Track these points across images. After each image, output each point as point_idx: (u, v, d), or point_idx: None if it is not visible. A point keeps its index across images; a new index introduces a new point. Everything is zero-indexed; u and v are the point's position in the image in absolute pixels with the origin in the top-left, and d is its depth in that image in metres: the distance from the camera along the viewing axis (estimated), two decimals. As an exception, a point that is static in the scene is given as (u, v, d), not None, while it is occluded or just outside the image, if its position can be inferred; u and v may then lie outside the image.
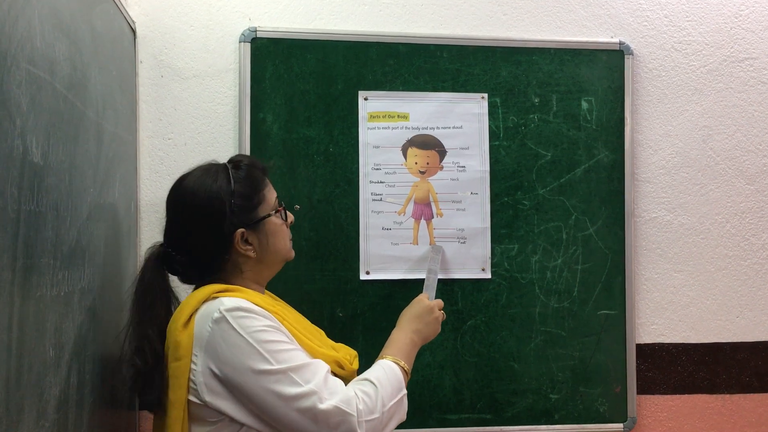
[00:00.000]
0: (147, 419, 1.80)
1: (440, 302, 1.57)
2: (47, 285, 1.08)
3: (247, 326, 1.21)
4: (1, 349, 0.90)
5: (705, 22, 2.05)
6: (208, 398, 1.21)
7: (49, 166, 1.09)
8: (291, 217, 1.44)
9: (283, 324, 1.29)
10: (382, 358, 1.38)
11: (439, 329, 1.54)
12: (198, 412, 1.23)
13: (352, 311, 1.86)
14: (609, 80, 1.98)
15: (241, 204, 1.32)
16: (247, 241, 1.33)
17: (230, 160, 1.41)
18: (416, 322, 1.49)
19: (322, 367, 1.26)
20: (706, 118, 2.05)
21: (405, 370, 1.37)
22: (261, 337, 1.21)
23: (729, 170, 2.05)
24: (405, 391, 1.34)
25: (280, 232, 1.39)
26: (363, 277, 1.87)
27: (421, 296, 1.58)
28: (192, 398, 1.22)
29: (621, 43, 1.99)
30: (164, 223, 1.42)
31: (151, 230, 1.83)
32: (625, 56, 1.99)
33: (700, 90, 2.05)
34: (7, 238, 0.91)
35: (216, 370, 1.20)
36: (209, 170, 1.35)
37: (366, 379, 1.30)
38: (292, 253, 1.45)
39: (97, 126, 1.40)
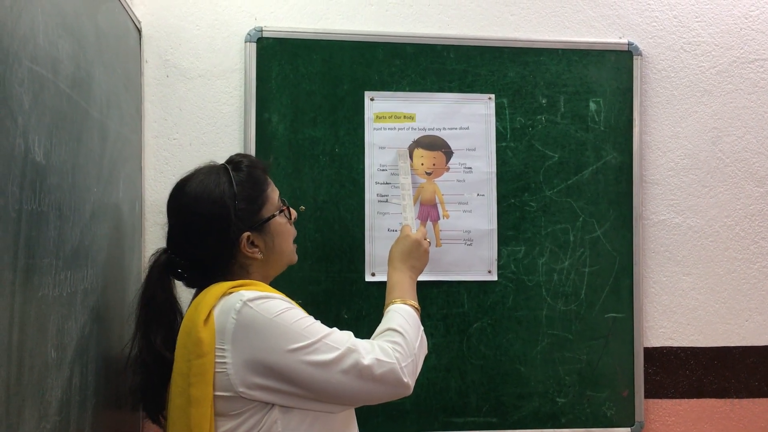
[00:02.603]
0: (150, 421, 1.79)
1: (423, 230, 1.63)
2: (49, 285, 1.07)
3: (270, 310, 1.22)
4: (1, 350, 0.89)
5: (714, 23, 2.03)
6: (242, 389, 1.19)
7: (52, 165, 1.08)
8: (294, 214, 1.44)
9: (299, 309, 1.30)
10: (393, 303, 1.43)
11: (428, 258, 1.60)
12: (222, 406, 1.21)
13: (357, 313, 1.85)
14: (617, 81, 1.96)
15: (245, 207, 1.31)
16: (253, 244, 1.32)
17: (230, 161, 1.38)
18: (409, 259, 1.55)
19: (348, 332, 1.29)
20: (716, 119, 2.03)
21: (416, 308, 1.44)
22: (286, 317, 1.22)
23: (738, 172, 2.03)
24: (422, 328, 1.40)
25: (285, 232, 1.39)
26: (368, 278, 1.86)
27: (405, 229, 1.62)
28: (220, 393, 1.20)
29: (629, 44, 1.97)
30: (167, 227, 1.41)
31: (155, 231, 1.82)
32: (634, 57, 1.97)
33: (710, 91, 2.03)
34: (8, 238, 0.91)
35: (249, 359, 1.19)
36: (210, 173, 1.33)
37: (390, 329, 1.34)
38: (295, 257, 1.45)
39: (101, 125, 1.40)
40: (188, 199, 1.31)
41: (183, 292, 1.38)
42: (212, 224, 1.29)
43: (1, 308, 0.89)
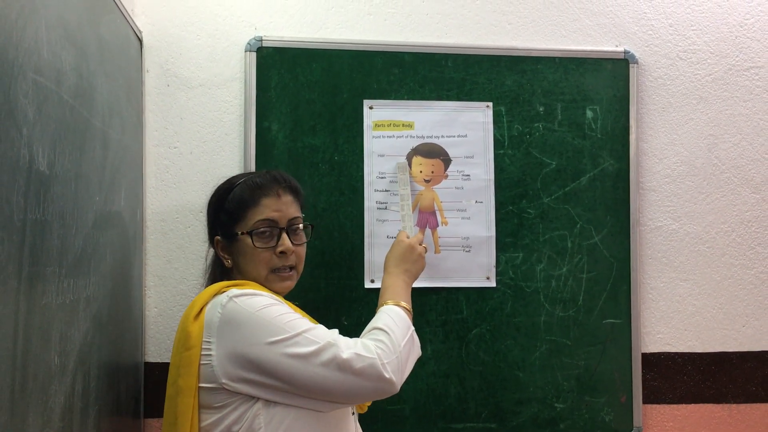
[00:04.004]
0: (152, 427, 1.80)
1: (420, 236, 1.64)
2: (53, 293, 1.08)
3: (254, 305, 1.27)
4: (6, 357, 0.91)
5: (710, 31, 2.05)
6: (225, 381, 1.25)
7: (55, 174, 1.10)
8: (285, 245, 1.41)
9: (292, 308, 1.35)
10: (384, 305, 1.45)
11: (425, 263, 1.60)
12: (207, 398, 1.27)
13: (356, 320, 1.86)
14: (614, 89, 1.98)
15: (225, 217, 1.43)
16: (225, 250, 1.44)
17: (255, 174, 1.50)
18: (403, 263, 1.56)
19: (333, 329, 1.32)
20: (712, 126, 2.05)
21: (407, 309, 1.45)
22: (269, 311, 1.27)
23: (734, 179, 2.05)
24: (413, 328, 1.41)
25: (251, 255, 1.40)
26: (368, 285, 1.87)
27: (400, 235, 1.63)
28: (204, 384, 1.26)
29: (626, 52, 1.99)
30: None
31: (156, 238, 1.84)
32: (630, 65, 1.99)
33: (705, 99, 2.05)
34: (13, 247, 0.92)
35: (232, 352, 1.25)
36: (237, 178, 1.49)
37: (375, 328, 1.36)
38: (276, 286, 1.42)
39: (103, 134, 1.41)
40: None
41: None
42: (207, 218, 1.50)
43: (6, 316, 0.91)
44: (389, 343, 1.31)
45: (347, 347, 1.27)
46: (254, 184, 1.43)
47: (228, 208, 1.43)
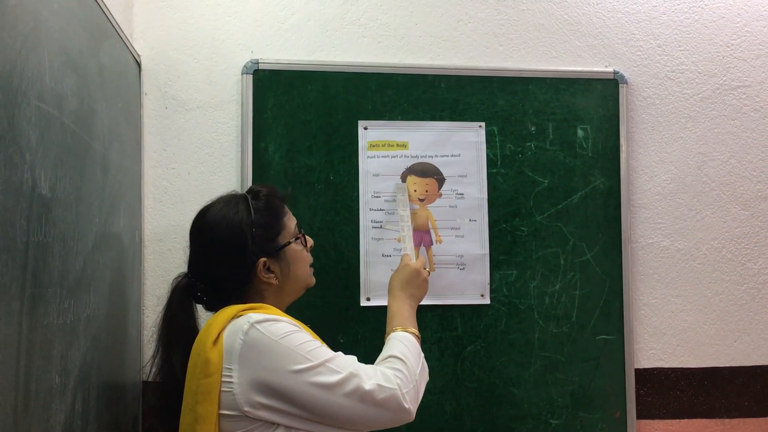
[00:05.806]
0: (150, 446, 1.81)
1: (423, 260, 1.66)
2: (54, 314, 1.11)
3: (276, 332, 1.26)
4: (9, 377, 0.93)
5: (698, 51, 2.10)
6: (247, 408, 1.23)
7: (57, 198, 1.12)
8: (310, 242, 1.50)
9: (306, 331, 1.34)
10: (394, 331, 1.46)
11: (428, 287, 1.63)
12: (227, 425, 1.25)
13: (353, 338, 1.88)
14: (604, 108, 2.02)
15: (261, 234, 1.37)
16: (269, 270, 1.38)
17: (249, 191, 1.45)
18: (409, 288, 1.58)
19: (352, 356, 1.33)
20: (701, 144, 2.08)
21: (417, 336, 1.46)
22: (292, 339, 1.26)
23: (724, 196, 2.08)
24: (423, 355, 1.43)
25: (300, 259, 1.44)
26: (363, 303, 1.89)
27: (405, 259, 1.65)
28: (225, 411, 1.24)
29: (615, 72, 2.03)
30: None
31: (155, 259, 1.86)
32: (620, 85, 2.03)
33: (694, 117, 2.08)
34: (16, 269, 0.95)
35: (254, 379, 1.23)
36: (230, 202, 1.39)
37: (391, 356, 1.37)
38: (313, 280, 1.50)
39: (103, 157, 1.44)
40: (208, 225, 1.37)
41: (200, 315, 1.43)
42: (230, 250, 1.35)
43: (10, 336, 0.93)
44: (407, 372, 1.33)
45: (368, 377, 1.28)
46: (269, 194, 1.43)
47: (264, 223, 1.38)
